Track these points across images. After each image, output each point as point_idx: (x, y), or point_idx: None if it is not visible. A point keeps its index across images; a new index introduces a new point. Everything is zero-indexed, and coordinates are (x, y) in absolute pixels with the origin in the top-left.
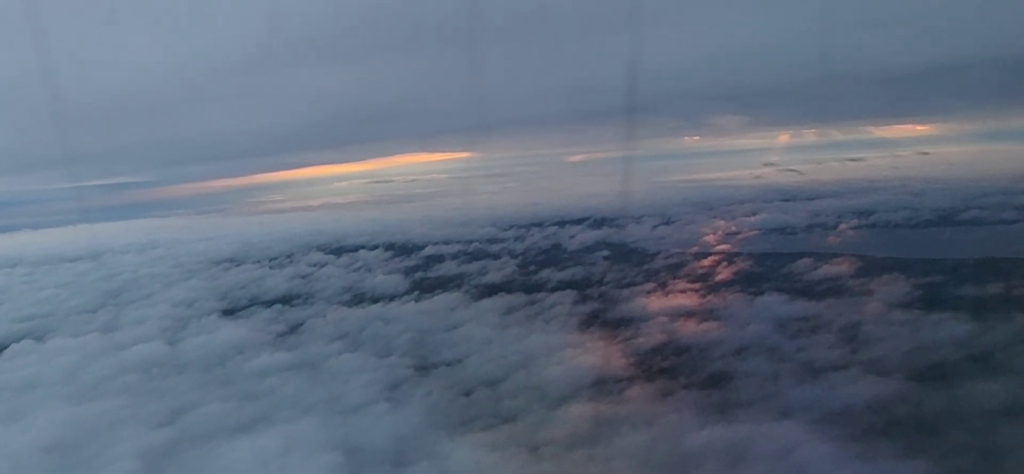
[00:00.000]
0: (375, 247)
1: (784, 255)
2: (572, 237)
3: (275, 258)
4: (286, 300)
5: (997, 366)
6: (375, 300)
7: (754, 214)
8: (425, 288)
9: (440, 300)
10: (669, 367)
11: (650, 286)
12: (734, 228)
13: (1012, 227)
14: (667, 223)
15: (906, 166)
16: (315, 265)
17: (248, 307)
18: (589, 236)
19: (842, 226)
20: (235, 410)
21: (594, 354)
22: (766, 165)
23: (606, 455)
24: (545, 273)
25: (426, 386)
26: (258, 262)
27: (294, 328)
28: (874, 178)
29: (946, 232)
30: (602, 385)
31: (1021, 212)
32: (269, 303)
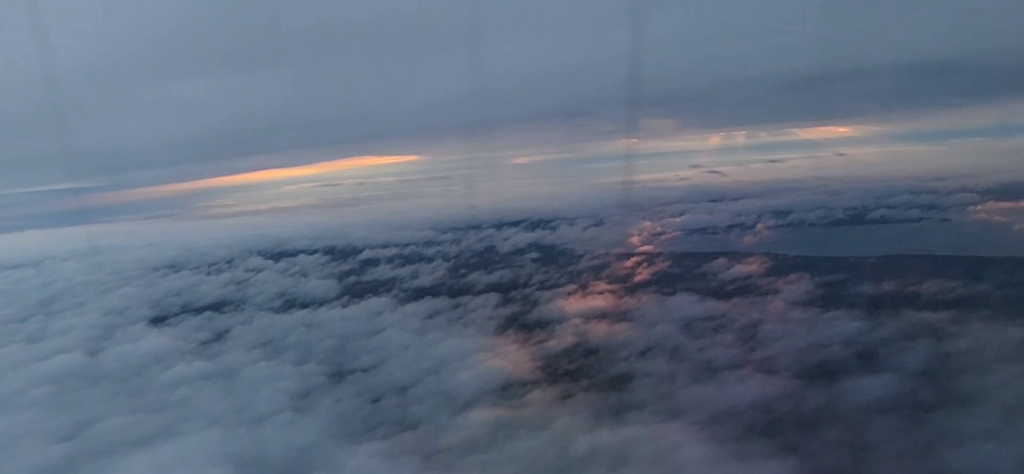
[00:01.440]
0: (314, 251)
1: (701, 255)
2: (506, 239)
3: (214, 264)
4: (217, 307)
5: (879, 363)
6: (305, 306)
7: (679, 215)
8: (356, 293)
9: (367, 305)
10: (574, 369)
11: (571, 288)
12: (659, 229)
13: (915, 225)
14: (598, 224)
15: (825, 167)
16: (252, 271)
17: (178, 315)
18: (522, 238)
19: (760, 226)
20: (140, 422)
21: (505, 358)
22: (693, 167)
23: (495, 461)
24: (474, 276)
25: (336, 394)
26: (197, 268)
27: (219, 336)
28: (795, 178)
29: (855, 231)
30: (507, 389)
31: (925, 210)
32: (199, 310)
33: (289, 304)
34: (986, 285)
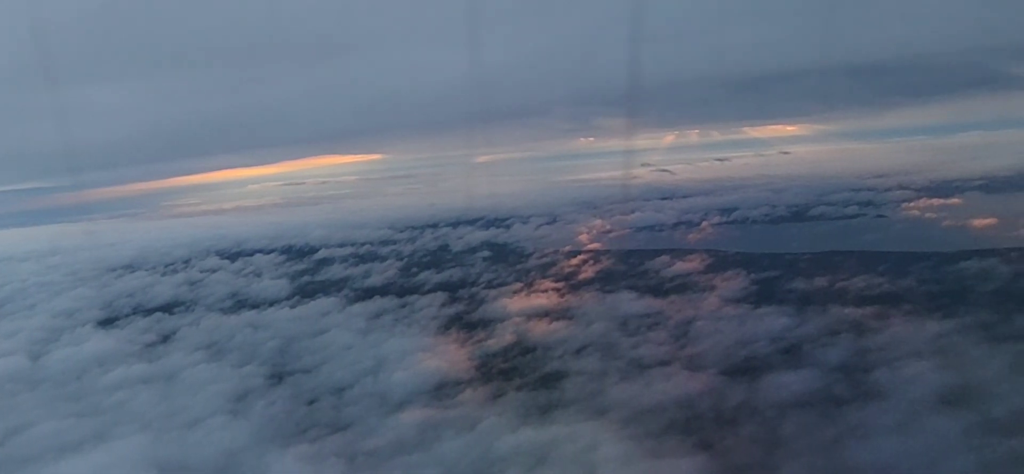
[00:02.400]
0: (271, 251)
1: (646, 252)
2: (460, 238)
3: (171, 264)
4: (168, 308)
5: (801, 359)
6: (255, 306)
7: (629, 213)
8: (307, 293)
9: (316, 305)
10: (509, 368)
11: (517, 286)
12: (608, 227)
13: (852, 222)
14: (550, 223)
15: (771, 165)
16: (208, 271)
17: (128, 316)
18: (476, 237)
19: (704, 223)
20: (72, 427)
21: (443, 358)
22: (643, 166)
23: (418, 463)
24: (424, 275)
25: (273, 396)
26: (153, 268)
27: (165, 338)
28: (742, 177)
29: (795, 228)
30: (441, 389)
31: (862, 207)
32: (150, 312)
33: (239, 305)
34: (910, 281)
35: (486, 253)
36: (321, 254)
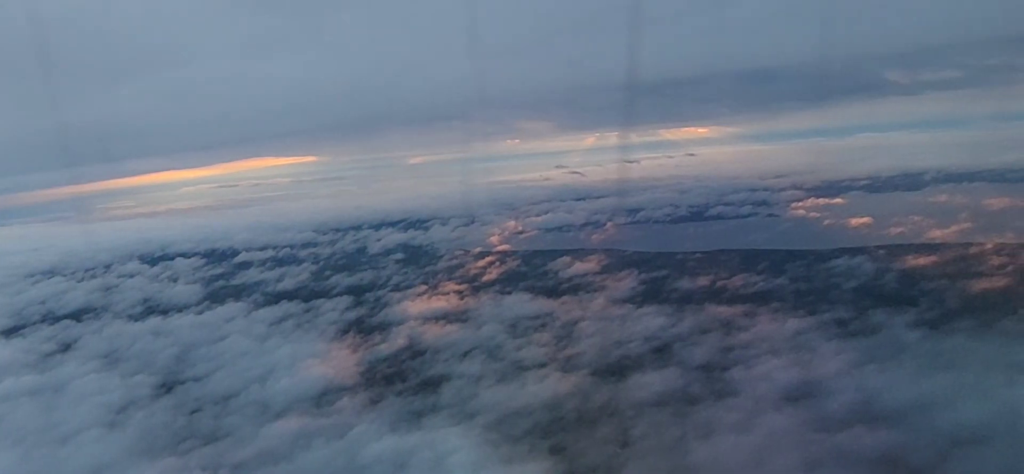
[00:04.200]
0: (193, 255)
1: (550, 253)
2: (379, 240)
3: (91, 269)
4: (77, 315)
5: (668, 358)
6: (164, 312)
7: (542, 215)
8: (217, 298)
9: (223, 311)
10: (394, 374)
11: (422, 289)
12: (519, 228)
13: (744, 221)
14: (468, 224)
15: (679, 166)
16: (126, 276)
17: (35, 324)
18: (394, 239)
19: (609, 224)
20: None
21: (333, 364)
22: (557, 168)
23: (285, 472)
24: (335, 279)
25: (156, 407)
26: (72, 274)
27: (66, 347)
28: (651, 178)
29: (691, 228)
30: (323, 396)
31: (756, 207)
32: (58, 319)
33: (149, 311)
34: (784, 279)
35: (400, 255)
36: (241, 258)
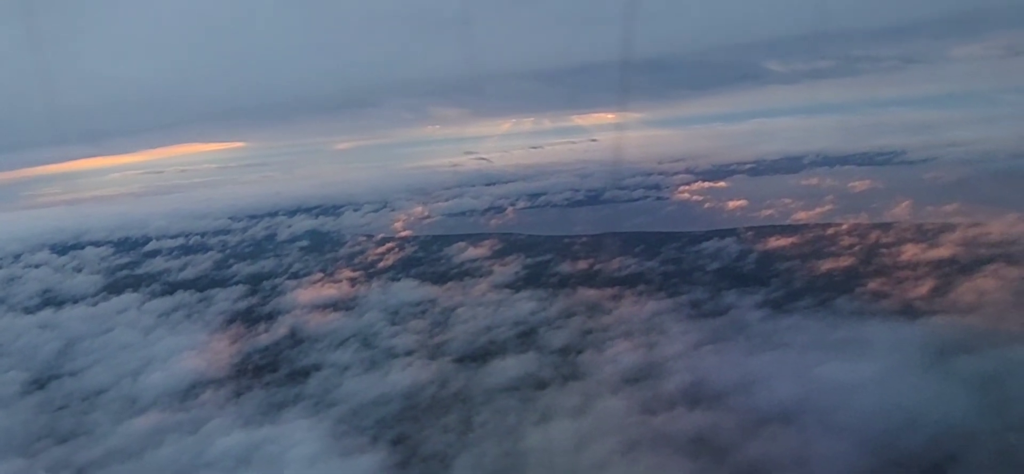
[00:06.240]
0: (104, 244)
1: (448, 238)
2: (289, 227)
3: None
4: None
5: (530, 343)
6: (59, 304)
7: (450, 200)
8: (115, 288)
9: (118, 301)
10: (266, 365)
11: (317, 277)
12: (425, 213)
13: (635, 205)
14: (378, 210)
15: (585, 151)
16: (32, 266)
17: None
18: (304, 225)
19: (510, 209)
20: None
21: (210, 355)
22: (467, 153)
23: (126, 472)
24: (237, 267)
25: (22, 403)
26: None
27: None
28: (560, 163)
29: (585, 211)
30: (191, 389)
31: (648, 191)
32: None
33: (45, 303)
34: (655, 261)
35: (305, 242)
36: (150, 246)
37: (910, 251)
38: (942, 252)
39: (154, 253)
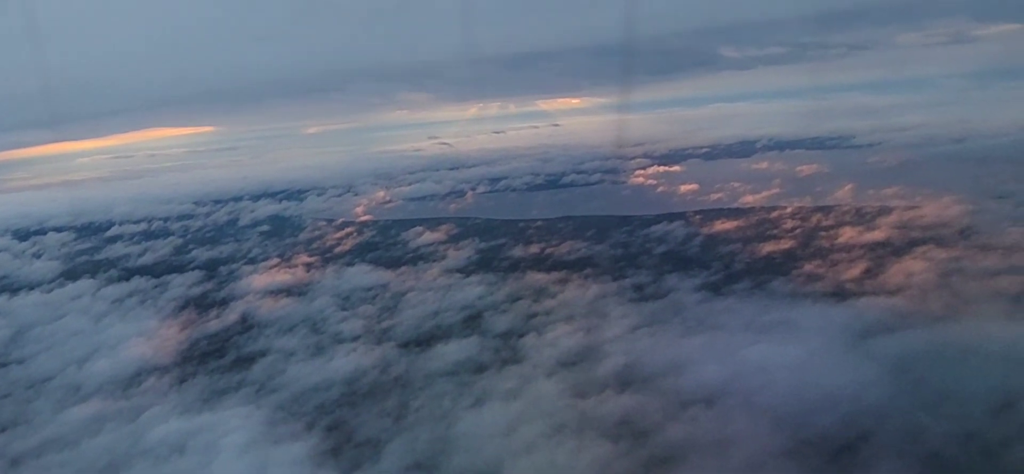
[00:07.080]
0: (66, 229)
1: (406, 223)
2: (252, 212)
3: None
4: None
5: (473, 327)
6: (14, 291)
7: (412, 184)
8: (72, 274)
9: (73, 288)
10: (213, 351)
11: (274, 262)
12: (387, 198)
13: (591, 189)
14: (342, 195)
15: (548, 136)
16: None
17: None
18: (268, 210)
19: (470, 193)
20: None
21: (159, 342)
22: (430, 138)
23: (58, 462)
24: (196, 252)
25: None
26: None
27: None
28: (522, 147)
29: (543, 196)
30: (135, 377)
31: (606, 175)
32: None
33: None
34: (605, 245)
35: (266, 227)
36: (112, 231)
37: (847, 234)
38: (878, 235)
39: (115, 238)
